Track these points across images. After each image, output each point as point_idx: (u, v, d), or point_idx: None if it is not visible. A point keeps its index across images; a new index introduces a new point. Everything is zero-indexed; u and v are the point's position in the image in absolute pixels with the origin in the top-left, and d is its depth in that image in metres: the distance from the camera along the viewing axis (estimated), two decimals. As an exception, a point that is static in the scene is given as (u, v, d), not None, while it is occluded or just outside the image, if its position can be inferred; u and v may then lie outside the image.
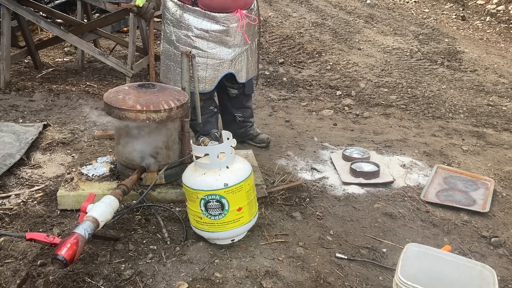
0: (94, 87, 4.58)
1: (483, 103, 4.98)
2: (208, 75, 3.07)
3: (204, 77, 3.06)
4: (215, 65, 3.06)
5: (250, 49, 3.23)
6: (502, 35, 7.76)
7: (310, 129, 3.98)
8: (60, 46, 5.71)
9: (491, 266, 1.93)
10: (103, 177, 2.68)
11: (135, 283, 2.02)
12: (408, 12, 8.77)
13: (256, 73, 3.42)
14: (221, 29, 2.99)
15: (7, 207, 2.51)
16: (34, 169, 2.91)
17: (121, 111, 2.39)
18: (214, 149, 2.22)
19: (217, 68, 3.08)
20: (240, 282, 2.06)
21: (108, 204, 2.14)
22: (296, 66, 5.80)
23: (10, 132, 3.28)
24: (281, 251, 2.30)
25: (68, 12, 6.39)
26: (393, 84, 5.36)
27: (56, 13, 4.92)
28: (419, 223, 2.67)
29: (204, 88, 3.09)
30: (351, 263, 2.28)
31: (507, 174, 3.33)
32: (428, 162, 3.40)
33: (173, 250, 2.24)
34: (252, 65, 3.32)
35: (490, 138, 4.02)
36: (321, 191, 2.93)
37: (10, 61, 4.42)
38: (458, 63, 6.21)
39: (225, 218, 2.21)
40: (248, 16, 3.07)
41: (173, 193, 2.62)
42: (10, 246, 2.21)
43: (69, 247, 1.86)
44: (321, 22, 7.49)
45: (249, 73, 3.29)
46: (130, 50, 4.31)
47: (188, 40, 3.00)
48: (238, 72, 3.19)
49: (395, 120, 4.39)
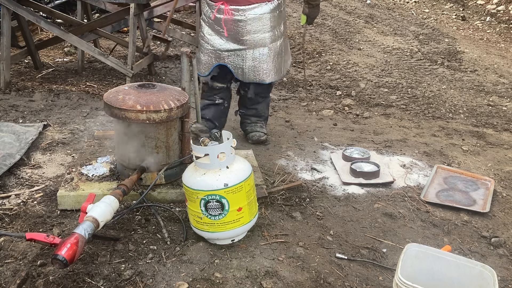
0: (94, 87, 4.58)
1: (483, 103, 4.98)
2: (204, 59, 3.26)
3: (201, 59, 3.28)
4: (209, 51, 3.23)
5: (258, 53, 3.19)
6: (502, 35, 7.76)
7: (310, 129, 3.98)
8: (60, 46, 5.71)
9: (491, 266, 1.93)
10: (103, 177, 2.68)
11: (135, 283, 2.02)
12: (408, 12, 8.76)
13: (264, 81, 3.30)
14: (214, 18, 3.15)
15: (7, 207, 2.51)
16: (34, 169, 2.91)
17: (121, 111, 2.39)
18: (214, 149, 2.22)
19: (211, 54, 3.23)
20: (240, 282, 2.06)
21: (108, 204, 2.14)
22: (296, 66, 5.80)
23: (10, 132, 3.28)
24: (281, 251, 2.30)
25: (68, 12, 6.39)
26: (393, 84, 5.36)
27: (56, 13, 4.92)
28: (419, 223, 2.67)
29: (199, 70, 3.27)
30: (351, 263, 2.28)
31: (507, 174, 3.33)
32: (428, 162, 3.40)
33: (173, 250, 2.24)
34: (257, 71, 3.23)
35: (490, 138, 4.02)
36: (321, 191, 2.93)
37: (10, 61, 4.41)
38: (458, 63, 6.21)
39: (225, 218, 2.21)
40: (233, 13, 3.10)
41: (173, 193, 2.62)
42: (10, 246, 2.20)
43: (69, 247, 1.86)
44: (321, 22, 7.49)
45: (249, 76, 3.25)
46: (130, 50, 4.31)
47: (201, 24, 3.32)
48: (235, 69, 3.24)
49: (395, 120, 4.39)
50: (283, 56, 3.38)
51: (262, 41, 3.19)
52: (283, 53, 3.37)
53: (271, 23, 3.18)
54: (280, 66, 3.36)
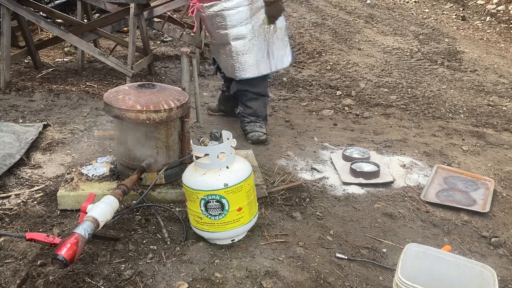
0: (94, 87, 4.58)
1: (483, 103, 4.98)
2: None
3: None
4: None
5: (225, 49, 3.34)
6: (502, 35, 7.76)
7: (310, 129, 3.98)
8: (60, 46, 5.71)
9: (491, 266, 1.93)
10: (103, 177, 2.68)
11: (135, 283, 2.02)
12: (408, 12, 8.76)
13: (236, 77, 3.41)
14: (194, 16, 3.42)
15: (7, 207, 2.51)
16: (34, 169, 2.91)
17: (121, 111, 2.39)
18: (214, 149, 2.21)
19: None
20: (240, 282, 2.06)
21: (108, 204, 2.14)
22: (296, 66, 5.80)
23: (10, 132, 3.28)
24: (281, 251, 2.30)
25: (68, 12, 6.39)
26: (393, 84, 5.36)
27: (56, 13, 4.92)
28: (419, 223, 2.67)
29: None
30: (351, 263, 2.28)
31: (507, 174, 3.33)
32: (428, 162, 3.40)
33: (173, 250, 2.24)
34: (229, 67, 3.40)
35: (490, 138, 4.02)
36: (321, 191, 2.93)
37: (10, 61, 4.41)
38: (458, 63, 6.21)
39: (225, 218, 2.21)
40: (200, 10, 3.28)
41: (173, 193, 2.62)
42: (10, 246, 2.20)
43: (69, 247, 1.86)
44: (321, 22, 7.49)
45: (226, 71, 3.47)
46: (130, 50, 4.31)
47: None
48: (218, 62, 3.52)
49: (395, 120, 4.39)
50: (265, 52, 3.37)
51: (224, 38, 3.29)
52: (263, 50, 3.36)
53: (228, 21, 3.23)
54: (254, 63, 3.33)
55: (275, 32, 3.39)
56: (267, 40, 3.38)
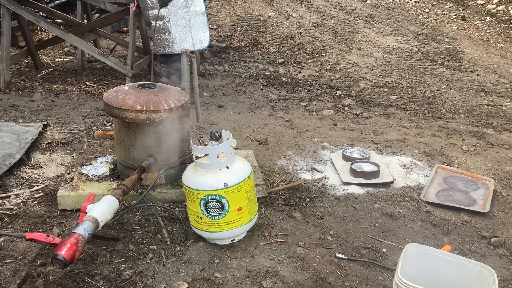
0: (94, 87, 4.58)
1: (483, 103, 4.98)
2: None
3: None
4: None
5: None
6: (502, 35, 7.76)
7: (310, 129, 3.98)
8: (60, 46, 5.71)
9: (491, 266, 1.93)
10: (103, 177, 2.68)
11: (135, 283, 2.02)
12: (408, 12, 8.77)
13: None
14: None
15: (7, 207, 2.51)
16: (34, 169, 2.91)
17: (121, 111, 2.39)
18: (214, 149, 2.21)
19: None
20: (240, 282, 2.06)
21: (108, 204, 2.14)
22: (296, 66, 5.80)
23: (10, 132, 3.28)
24: (281, 251, 2.30)
25: (68, 12, 6.39)
26: (393, 84, 5.36)
27: (56, 13, 4.92)
28: (419, 223, 2.67)
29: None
30: (351, 263, 2.28)
31: (507, 174, 3.33)
32: (428, 162, 3.40)
33: (173, 250, 2.24)
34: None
35: (490, 138, 4.02)
36: (321, 191, 2.93)
37: (10, 61, 4.41)
38: (458, 63, 6.21)
39: (225, 218, 2.21)
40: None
41: (173, 193, 2.62)
42: (10, 246, 2.20)
43: (69, 247, 1.86)
44: (321, 22, 7.50)
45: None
46: (130, 50, 4.31)
47: None
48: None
49: (395, 120, 4.39)
50: (173, 33, 4.12)
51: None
52: (172, 31, 4.11)
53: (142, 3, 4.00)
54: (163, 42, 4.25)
55: (194, 16, 4.00)
56: (186, 22, 4.03)
